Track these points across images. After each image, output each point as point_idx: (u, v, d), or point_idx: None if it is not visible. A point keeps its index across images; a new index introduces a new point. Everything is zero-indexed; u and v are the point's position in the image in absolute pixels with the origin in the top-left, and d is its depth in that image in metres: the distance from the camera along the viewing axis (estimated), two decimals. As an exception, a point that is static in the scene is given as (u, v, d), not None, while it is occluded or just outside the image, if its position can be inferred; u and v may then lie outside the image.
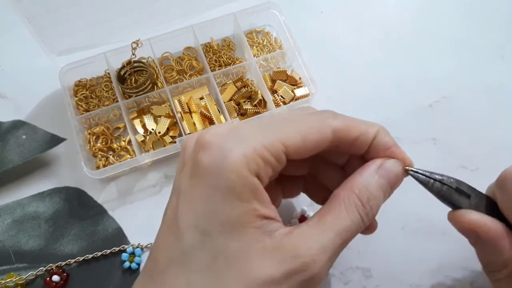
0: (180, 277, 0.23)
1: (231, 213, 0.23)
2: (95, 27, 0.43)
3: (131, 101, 0.44)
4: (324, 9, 0.52)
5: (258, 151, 0.24)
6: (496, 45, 0.50)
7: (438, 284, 0.39)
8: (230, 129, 0.25)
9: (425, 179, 0.29)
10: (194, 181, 0.24)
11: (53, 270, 0.38)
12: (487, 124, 0.46)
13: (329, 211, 0.26)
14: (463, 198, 0.29)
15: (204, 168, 0.24)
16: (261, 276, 0.23)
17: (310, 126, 0.26)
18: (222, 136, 0.24)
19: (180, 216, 0.24)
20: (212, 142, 0.24)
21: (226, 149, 0.23)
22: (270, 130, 0.25)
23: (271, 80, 0.47)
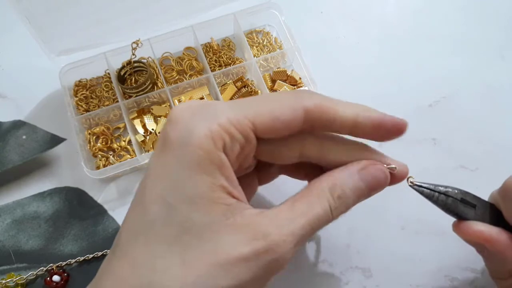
0: (144, 248, 0.23)
1: (198, 187, 0.23)
2: (95, 27, 0.43)
3: (131, 101, 0.44)
4: (324, 9, 0.52)
5: (224, 126, 0.24)
6: (496, 45, 0.50)
7: (438, 284, 0.39)
8: (200, 105, 0.25)
9: (429, 193, 0.29)
10: (161, 156, 0.24)
11: (54, 270, 0.38)
12: (487, 124, 0.46)
13: (302, 198, 0.26)
14: (469, 208, 0.29)
15: (171, 142, 0.24)
16: (230, 252, 0.22)
17: (282, 104, 0.25)
18: (190, 111, 0.24)
19: (147, 191, 0.24)
20: (179, 117, 0.24)
21: (192, 124, 0.23)
22: (240, 107, 0.25)
23: (271, 80, 0.47)
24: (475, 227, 0.29)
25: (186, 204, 0.23)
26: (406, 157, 0.44)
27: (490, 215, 0.30)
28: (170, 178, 0.23)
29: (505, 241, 0.29)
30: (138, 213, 0.24)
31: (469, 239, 0.29)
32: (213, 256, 0.22)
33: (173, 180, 0.23)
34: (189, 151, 0.23)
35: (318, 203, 0.25)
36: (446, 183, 0.42)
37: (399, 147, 0.44)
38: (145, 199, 0.24)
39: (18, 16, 0.38)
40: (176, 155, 0.23)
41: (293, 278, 0.39)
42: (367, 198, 0.28)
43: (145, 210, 0.23)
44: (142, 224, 0.23)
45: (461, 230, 0.29)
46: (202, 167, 0.23)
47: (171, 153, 0.24)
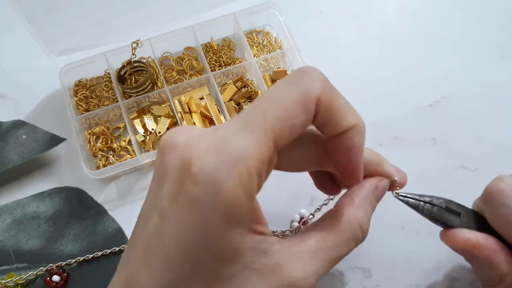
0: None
1: (227, 245, 0.21)
2: (95, 27, 0.43)
3: (131, 101, 0.44)
4: (324, 9, 0.52)
5: (255, 169, 0.21)
6: (496, 45, 0.50)
7: (438, 284, 0.39)
8: (215, 146, 0.21)
9: (414, 203, 0.29)
10: (181, 208, 0.21)
11: (53, 270, 0.38)
12: (487, 124, 0.46)
13: (331, 237, 0.25)
14: (454, 216, 0.30)
15: (195, 200, 0.21)
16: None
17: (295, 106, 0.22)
18: (210, 161, 0.21)
19: (167, 246, 0.21)
20: (200, 171, 0.20)
21: (219, 180, 0.20)
22: (262, 132, 0.21)
23: (271, 80, 0.47)
24: (462, 235, 0.29)
25: (215, 261, 0.22)
26: (406, 157, 0.44)
27: (475, 222, 0.30)
28: (195, 236, 0.21)
29: (493, 246, 0.29)
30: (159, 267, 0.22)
31: (457, 247, 0.30)
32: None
33: (200, 238, 0.21)
34: (219, 210, 0.20)
35: (347, 244, 0.26)
36: (446, 183, 0.43)
37: (399, 147, 0.45)
38: (168, 255, 0.21)
39: (18, 16, 0.38)
40: (202, 213, 0.21)
41: (293, 278, 0.38)
42: None
43: (169, 266, 0.21)
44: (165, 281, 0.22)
45: (448, 238, 0.30)
46: (233, 223, 0.21)
47: (195, 209, 0.21)
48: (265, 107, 0.22)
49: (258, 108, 0.22)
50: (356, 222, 0.26)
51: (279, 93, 0.23)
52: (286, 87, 0.23)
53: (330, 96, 0.24)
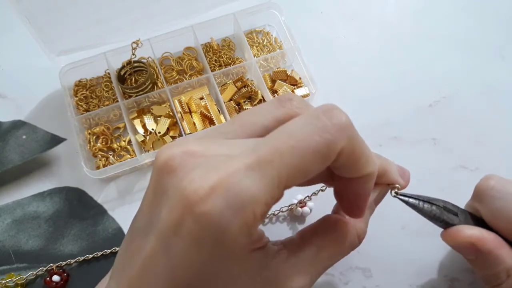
0: None
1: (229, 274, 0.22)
2: (95, 27, 0.43)
3: (131, 101, 0.44)
4: (324, 9, 0.52)
5: (261, 212, 0.20)
6: (496, 45, 0.50)
7: (438, 284, 0.39)
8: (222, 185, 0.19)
9: (414, 202, 0.29)
10: (183, 242, 0.20)
11: (54, 270, 0.38)
12: (487, 124, 0.46)
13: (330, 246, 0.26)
14: (452, 216, 0.30)
15: (197, 238, 0.20)
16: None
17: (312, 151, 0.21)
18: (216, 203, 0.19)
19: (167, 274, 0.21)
20: (204, 214, 0.19)
21: (224, 224, 0.19)
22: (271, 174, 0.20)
23: (271, 80, 0.47)
24: (465, 230, 0.29)
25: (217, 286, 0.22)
26: (406, 157, 0.44)
27: (472, 221, 0.31)
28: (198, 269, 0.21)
29: (496, 240, 0.29)
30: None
31: (460, 244, 0.29)
32: None
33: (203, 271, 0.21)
34: (220, 249, 0.20)
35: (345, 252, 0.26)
36: (446, 183, 0.43)
37: (399, 147, 0.45)
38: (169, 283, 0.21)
39: (18, 16, 0.38)
40: (204, 250, 0.20)
41: (293, 278, 0.39)
42: None
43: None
44: None
45: (451, 236, 0.30)
46: (235, 258, 0.21)
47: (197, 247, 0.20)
48: (283, 148, 0.20)
49: (275, 147, 0.20)
50: (355, 232, 0.27)
51: (301, 136, 0.21)
52: (309, 130, 0.21)
53: (354, 146, 0.22)
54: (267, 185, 0.20)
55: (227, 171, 0.20)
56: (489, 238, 0.29)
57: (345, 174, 0.24)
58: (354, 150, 0.22)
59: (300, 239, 0.26)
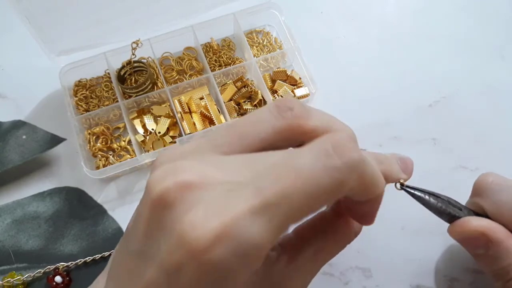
0: None
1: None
2: (95, 27, 0.43)
3: (131, 101, 0.44)
4: (324, 9, 0.52)
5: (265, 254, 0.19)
6: (496, 45, 0.50)
7: (438, 284, 0.39)
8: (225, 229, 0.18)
9: (420, 194, 0.29)
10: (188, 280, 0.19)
11: (59, 270, 0.38)
12: (487, 124, 0.46)
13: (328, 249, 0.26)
14: (458, 209, 0.30)
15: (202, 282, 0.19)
16: None
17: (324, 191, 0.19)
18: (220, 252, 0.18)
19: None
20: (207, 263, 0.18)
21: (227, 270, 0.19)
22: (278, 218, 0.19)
23: (271, 80, 0.47)
24: (475, 222, 0.29)
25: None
26: (406, 157, 0.44)
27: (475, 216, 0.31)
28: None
29: (504, 230, 0.29)
30: None
31: (470, 235, 0.29)
32: None
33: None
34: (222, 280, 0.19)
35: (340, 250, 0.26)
36: (446, 183, 0.43)
37: (399, 147, 0.45)
38: None
39: (18, 16, 0.38)
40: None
41: (293, 278, 0.39)
42: None
43: None
44: None
45: (459, 228, 0.29)
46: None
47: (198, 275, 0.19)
48: (291, 190, 0.19)
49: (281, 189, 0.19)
50: (353, 232, 0.26)
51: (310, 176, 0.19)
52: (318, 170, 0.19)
53: (364, 180, 0.21)
54: (273, 230, 0.19)
55: (231, 216, 0.18)
56: (499, 228, 0.29)
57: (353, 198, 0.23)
58: (365, 183, 0.21)
59: (298, 239, 0.25)
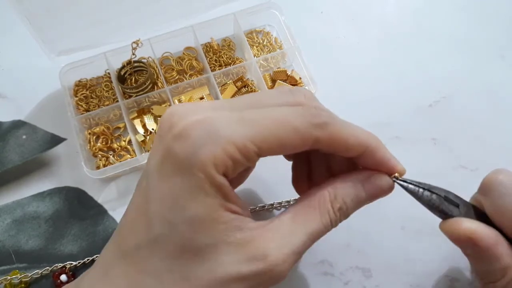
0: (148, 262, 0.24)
1: (198, 210, 0.23)
2: (95, 27, 0.43)
3: (131, 101, 0.44)
4: (324, 9, 0.52)
5: (228, 152, 0.23)
6: (496, 45, 0.50)
7: (438, 284, 0.39)
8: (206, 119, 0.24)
9: (414, 189, 0.29)
10: (164, 170, 0.24)
11: (66, 269, 0.38)
12: (487, 124, 0.46)
13: (302, 211, 0.26)
14: (453, 207, 0.29)
15: (174, 159, 0.24)
16: (229, 271, 0.23)
17: (291, 130, 0.25)
18: (197, 126, 0.24)
19: (150, 204, 0.24)
20: (187, 134, 0.23)
21: (198, 145, 0.23)
22: (246, 128, 0.24)
23: (271, 80, 0.47)
24: (464, 224, 0.28)
25: (188, 225, 0.23)
26: (406, 157, 0.44)
27: (474, 215, 0.30)
28: (172, 198, 0.24)
29: (494, 236, 0.28)
30: (142, 225, 0.25)
31: (458, 237, 0.29)
32: (213, 274, 0.23)
33: (175, 200, 0.24)
34: (191, 174, 0.23)
35: (319, 218, 0.26)
36: (446, 183, 0.42)
37: (399, 147, 0.45)
38: (149, 213, 0.24)
39: (18, 16, 0.38)
40: (179, 175, 0.24)
41: (293, 278, 0.39)
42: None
43: (149, 225, 0.24)
44: (146, 238, 0.24)
45: (449, 227, 0.29)
46: (203, 191, 0.23)
47: (174, 171, 0.24)
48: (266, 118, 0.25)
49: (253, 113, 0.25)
50: (327, 197, 0.26)
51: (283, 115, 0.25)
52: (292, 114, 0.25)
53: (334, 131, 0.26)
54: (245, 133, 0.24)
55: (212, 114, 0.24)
56: (488, 234, 0.28)
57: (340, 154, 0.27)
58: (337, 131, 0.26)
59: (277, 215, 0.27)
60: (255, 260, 0.23)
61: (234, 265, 0.23)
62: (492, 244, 0.28)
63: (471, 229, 0.28)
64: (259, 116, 0.25)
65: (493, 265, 0.28)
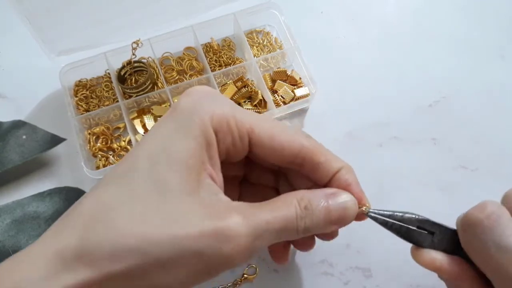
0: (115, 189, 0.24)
1: (182, 152, 0.24)
2: (95, 27, 0.43)
3: (131, 101, 0.44)
4: (324, 9, 0.52)
5: (226, 116, 0.26)
6: (496, 45, 0.50)
7: (438, 284, 0.39)
8: (216, 93, 0.28)
9: (383, 221, 0.29)
10: (167, 119, 0.26)
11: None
12: (487, 124, 0.46)
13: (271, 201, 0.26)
14: (425, 235, 0.29)
15: (178, 109, 0.26)
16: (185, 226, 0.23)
17: (283, 131, 0.27)
18: (206, 93, 0.27)
19: (140, 145, 0.26)
20: (195, 93, 0.27)
21: (202, 102, 0.26)
22: (246, 113, 0.27)
23: (271, 80, 0.47)
24: (428, 256, 0.29)
25: (168, 165, 0.24)
26: (406, 157, 0.44)
27: (449, 242, 0.29)
28: (163, 138, 0.25)
29: (458, 271, 0.28)
30: (125, 162, 0.25)
31: (424, 266, 0.29)
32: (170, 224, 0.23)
33: (166, 140, 0.25)
34: (187, 118, 0.25)
35: (286, 207, 0.26)
36: (446, 183, 0.42)
37: (399, 147, 0.45)
38: (137, 152, 0.25)
39: (18, 16, 0.38)
40: (176, 121, 0.25)
41: (294, 278, 0.39)
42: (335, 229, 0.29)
43: (132, 160, 0.25)
44: (123, 170, 0.25)
45: (415, 257, 0.30)
46: (192, 133, 0.25)
47: (174, 118, 0.26)
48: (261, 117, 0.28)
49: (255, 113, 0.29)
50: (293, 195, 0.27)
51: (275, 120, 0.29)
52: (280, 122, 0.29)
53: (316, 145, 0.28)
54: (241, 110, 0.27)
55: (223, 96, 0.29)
56: (450, 269, 0.28)
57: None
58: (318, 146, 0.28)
59: None
60: (217, 228, 0.23)
61: (192, 221, 0.23)
62: (454, 278, 0.28)
63: (434, 262, 0.29)
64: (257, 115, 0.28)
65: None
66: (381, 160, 0.44)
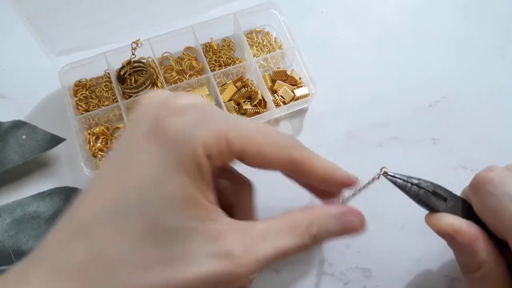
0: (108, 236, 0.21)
1: (176, 188, 0.22)
2: (95, 27, 0.43)
3: (131, 101, 0.44)
4: (324, 9, 0.52)
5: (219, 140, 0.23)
6: (496, 45, 0.50)
7: (438, 284, 0.39)
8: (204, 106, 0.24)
9: (402, 183, 0.30)
10: (148, 141, 0.23)
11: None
12: (487, 124, 0.46)
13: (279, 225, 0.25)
14: (440, 201, 0.30)
15: (164, 132, 0.23)
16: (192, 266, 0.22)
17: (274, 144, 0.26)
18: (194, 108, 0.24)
19: (124, 174, 0.23)
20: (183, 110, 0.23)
21: (192, 124, 0.23)
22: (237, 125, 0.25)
23: (271, 80, 0.47)
24: (445, 219, 0.29)
25: (161, 203, 0.22)
26: (406, 157, 0.44)
27: (461, 209, 0.31)
28: (153, 170, 0.22)
29: (474, 233, 0.29)
30: (108, 196, 0.22)
31: (440, 231, 0.30)
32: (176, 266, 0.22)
33: (155, 174, 0.22)
34: (179, 149, 0.22)
35: (292, 237, 0.25)
36: (446, 183, 0.42)
37: (399, 147, 0.45)
38: (121, 183, 0.23)
39: (18, 16, 0.38)
40: (166, 150, 0.23)
41: (294, 278, 0.39)
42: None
43: (118, 195, 0.22)
44: (111, 210, 0.22)
45: (432, 221, 0.30)
46: (185, 167, 0.22)
47: (162, 146, 0.23)
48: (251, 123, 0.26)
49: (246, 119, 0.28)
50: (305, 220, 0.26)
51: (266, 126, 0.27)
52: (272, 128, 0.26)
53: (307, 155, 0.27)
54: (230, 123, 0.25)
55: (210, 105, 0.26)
56: (467, 231, 0.29)
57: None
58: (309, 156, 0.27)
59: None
60: (220, 257, 0.22)
61: (199, 258, 0.22)
62: (470, 240, 0.29)
63: (452, 225, 0.29)
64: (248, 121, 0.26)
65: (470, 259, 0.30)
66: (381, 160, 0.44)
